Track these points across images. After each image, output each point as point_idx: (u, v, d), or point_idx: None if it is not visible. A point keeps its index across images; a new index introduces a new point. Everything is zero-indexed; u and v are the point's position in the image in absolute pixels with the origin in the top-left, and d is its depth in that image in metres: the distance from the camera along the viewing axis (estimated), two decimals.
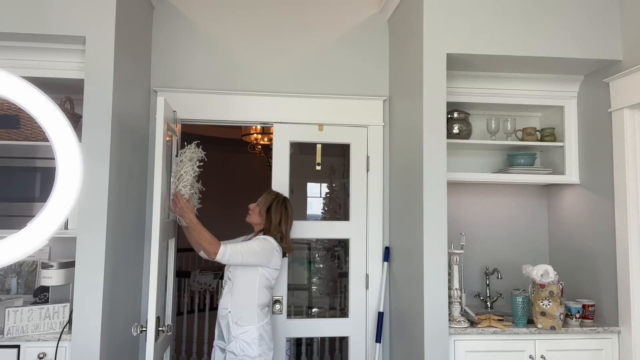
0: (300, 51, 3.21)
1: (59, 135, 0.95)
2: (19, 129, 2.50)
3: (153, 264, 2.30)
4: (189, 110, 3.05)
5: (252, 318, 2.51)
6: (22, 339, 2.30)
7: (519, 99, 3.02)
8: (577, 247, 2.98)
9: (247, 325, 2.50)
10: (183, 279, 5.42)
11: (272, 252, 2.55)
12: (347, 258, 3.25)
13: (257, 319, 2.52)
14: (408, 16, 2.89)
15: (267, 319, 2.58)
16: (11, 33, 2.40)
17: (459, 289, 2.64)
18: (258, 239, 2.59)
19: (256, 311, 2.53)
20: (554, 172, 3.05)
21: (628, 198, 2.54)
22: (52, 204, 0.94)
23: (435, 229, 2.54)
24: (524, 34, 2.66)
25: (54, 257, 2.84)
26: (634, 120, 2.56)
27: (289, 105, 3.14)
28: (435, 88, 2.59)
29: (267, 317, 2.60)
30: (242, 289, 2.55)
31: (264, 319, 2.55)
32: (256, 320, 2.51)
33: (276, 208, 2.67)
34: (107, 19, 2.43)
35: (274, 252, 2.57)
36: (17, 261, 1.24)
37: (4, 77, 0.92)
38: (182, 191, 2.53)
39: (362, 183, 3.19)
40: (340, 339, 4.22)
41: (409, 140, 2.83)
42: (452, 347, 2.51)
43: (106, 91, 2.40)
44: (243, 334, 2.49)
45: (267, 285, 2.59)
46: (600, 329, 2.58)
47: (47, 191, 0.90)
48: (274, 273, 2.61)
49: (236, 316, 2.52)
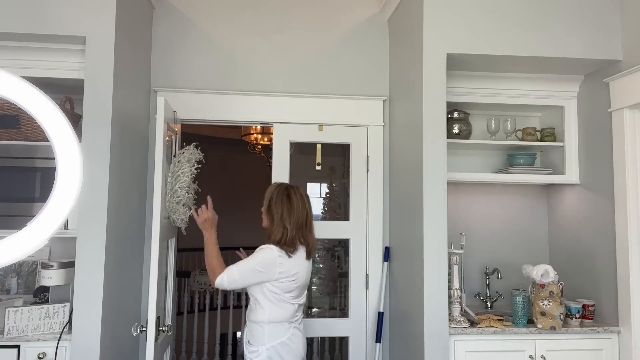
0: (301, 51, 3.21)
1: (59, 135, 0.95)
2: (19, 129, 2.50)
3: (153, 264, 2.30)
4: (189, 110, 3.05)
5: (262, 337, 2.22)
6: (22, 339, 2.30)
7: (519, 99, 3.02)
8: (577, 247, 2.98)
9: (257, 344, 2.23)
10: (183, 279, 5.42)
11: (272, 264, 2.19)
12: (347, 258, 3.25)
13: (267, 338, 2.21)
14: (408, 16, 2.89)
15: (283, 338, 2.22)
16: (11, 33, 2.40)
17: (459, 289, 2.64)
18: (256, 252, 2.24)
19: (266, 329, 2.22)
20: (554, 172, 3.05)
21: (628, 198, 2.54)
22: (52, 204, 0.94)
23: (435, 229, 2.53)
24: (524, 34, 2.66)
25: (54, 257, 2.84)
26: (634, 120, 2.56)
27: (289, 105, 3.14)
28: (435, 88, 2.59)
29: (285, 335, 2.23)
30: (253, 304, 2.29)
31: (277, 338, 2.21)
32: (266, 339, 2.21)
33: (276, 200, 2.29)
34: (107, 19, 2.43)
35: (276, 262, 2.19)
36: (17, 261, 1.24)
37: (4, 77, 0.93)
38: (179, 192, 2.53)
39: (362, 183, 3.20)
40: (340, 338, 4.23)
41: (409, 140, 2.83)
42: (452, 347, 2.51)
43: (106, 91, 2.40)
44: (252, 353, 2.24)
45: (281, 299, 2.23)
46: (600, 329, 2.58)
47: (47, 191, 0.90)
48: (286, 285, 2.21)
49: (249, 333, 2.29)
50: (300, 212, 2.29)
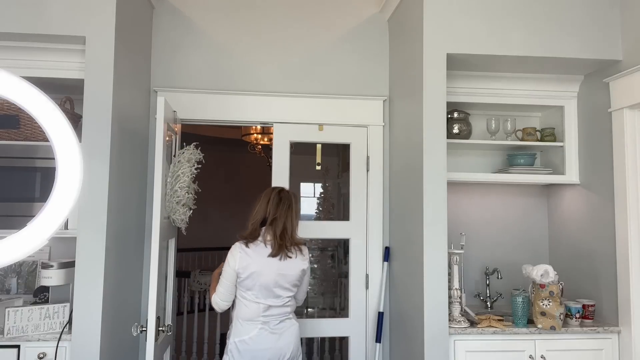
0: (301, 51, 3.21)
1: (59, 135, 0.95)
2: (19, 129, 2.50)
3: (153, 264, 2.30)
4: (189, 110, 3.05)
5: (230, 332, 2.35)
6: (22, 339, 2.30)
7: (519, 99, 3.02)
8: (577, 247, 2.98)
9: (228, 339, 2.34)
10: (183, 279, 5.41)
11: (232, 255, 2.28)
12: (347, 258, 3.24)
13: (232, 333, 2.32)
14: (408, 16, 2.89)
15: (244, 336, 2.26)
16: (11, 33, 2.40)
17: (459, 289, 2.64)
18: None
19: (234, 325, 2.33)
20: (554, 172, 3.05)
21: (628, 198, 2.54)
22: (52, 204, 0.94)
23: (435, 229, 2.53)
24: (524, 34, 2.66)
25: (54, 257, 2.84)
26: (634, 120, 2.56)
27: (289, 105, 3.14)
28: (435, 88, 2.59)
29: (247, 334, 2.26)
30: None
31: (239, 335, 2.27)
32: (232, 334, 2.32)
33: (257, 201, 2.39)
34: (107, 19, 2.43)
35: (236, 254, 2.27)
36: (17, 261, 1.24)
37: (4, 77, 0.92)
38: (179, 192, 2.53)
39: (362, 183, 3.19)
40: (340, 338, 4.22)
41: (409, 140, 2.83)
42: (452, 347, 2.51)
43: (106, 91, 2.40)
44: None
45: (245, 297, 2.28)
46: (600, 329, 2.58)
47: (47, 191, 0.90)
48: (247, 283, 2.26)
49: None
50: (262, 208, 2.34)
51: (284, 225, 2.32)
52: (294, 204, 2.38)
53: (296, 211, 2.39)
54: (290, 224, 2.34)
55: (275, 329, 2.31)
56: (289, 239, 2.32)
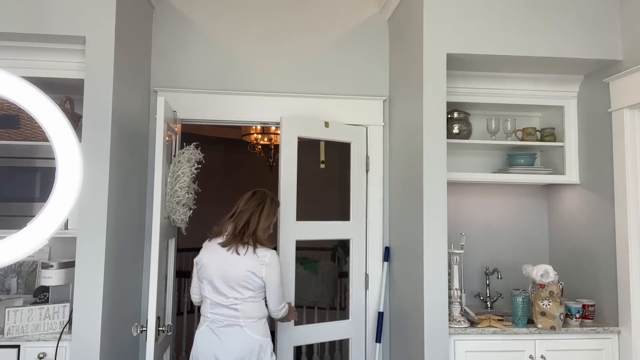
0: (300, 51, 3.21)
1: (59, 135, 0.95)
2: (19, 129, 2.50)
3: (153, 264, 2.30)
4: (189, 110, 3.05)
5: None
6: (22, 339, 2.30)
7: (519, 99, 3.02)
8: (577, 247, 2.98)
9: None
10: (183, 279, 5.41)
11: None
12: (347, 258, 3.24)
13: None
14: (408, 16, 2.89)
15: (198, 330, 2.35)
16: (11, 33, 2.40)
17: (459, 289, 2.64)
18: None
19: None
20: (554, 172, 3.05)
21: (628, 198, 2.54)
22: (52, 204, 0.94)
23: (436, 229, 2.53)
24: (524, 34, 2.66)
25: (54, 257, 2.84)
26: (634, 120, 2.56)
27: (289, 105, 3.14)
28: (435, 88, 2.59)
29: (199, 329, 2.35)
30: None
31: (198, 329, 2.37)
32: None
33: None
34: (107, 19, 2.43)
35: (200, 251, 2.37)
36: (17, 261, 1.24)
37: (4, 77, 0.93)
38: (179, 192, 2.53)
39: (362, 183, 3.19)
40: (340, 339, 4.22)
41: (409, 140, 2.83)
42: (452, 347, 2.51)
43: (106, 91, 2.40)
44: None
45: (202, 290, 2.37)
46: (600, 329, 2.58)
47: (47, 191, 0.90)
48: (199, 275, 2.33)
49: None
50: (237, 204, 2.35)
51: (247, 219, 2.25)
52: (267, 204, 2.32)
53: (268, 212, 2.31)
54: (255, 221, 2.25)
55: (218, 331, 2.23)
56: (249, 235, 2.23)
